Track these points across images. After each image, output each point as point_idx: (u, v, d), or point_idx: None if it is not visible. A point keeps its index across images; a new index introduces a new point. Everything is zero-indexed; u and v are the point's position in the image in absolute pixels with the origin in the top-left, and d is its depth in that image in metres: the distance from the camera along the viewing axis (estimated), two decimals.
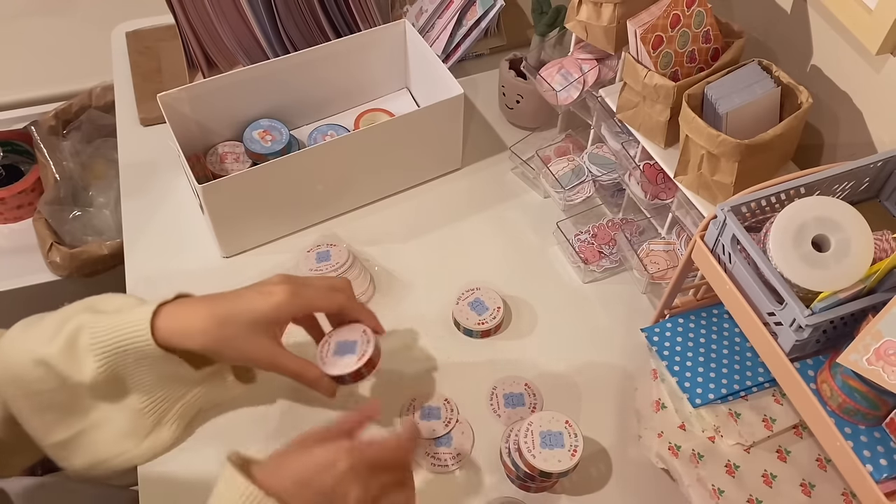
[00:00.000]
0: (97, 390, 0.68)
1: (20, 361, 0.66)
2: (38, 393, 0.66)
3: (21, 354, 0.66)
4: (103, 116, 1.34)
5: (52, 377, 0.66)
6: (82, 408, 0.69)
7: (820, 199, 0.63)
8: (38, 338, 0.67)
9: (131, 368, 0.68)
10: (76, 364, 0.66)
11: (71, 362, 0.66)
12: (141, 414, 0.70)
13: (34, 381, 0.66)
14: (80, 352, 0.66)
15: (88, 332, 0.66)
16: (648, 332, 0.78)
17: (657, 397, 0.75)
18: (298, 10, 1.00)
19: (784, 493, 0.68)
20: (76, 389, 0.67)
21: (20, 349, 0.67)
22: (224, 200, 0.86)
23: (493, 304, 0.85)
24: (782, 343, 0.61)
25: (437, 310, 0.87)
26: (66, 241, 1.25)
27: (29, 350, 0.66)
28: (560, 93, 0.91)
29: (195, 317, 0.66)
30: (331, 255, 0.88)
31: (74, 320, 0.67)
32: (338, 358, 0.69)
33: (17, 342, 0.67)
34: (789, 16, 0.85)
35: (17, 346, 0.67)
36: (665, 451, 0.71)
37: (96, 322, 0.67)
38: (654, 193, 0.86)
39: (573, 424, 0.70)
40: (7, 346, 0.67)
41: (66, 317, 0.69)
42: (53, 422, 0.68)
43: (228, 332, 0.66)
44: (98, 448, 0.70)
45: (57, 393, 0.67)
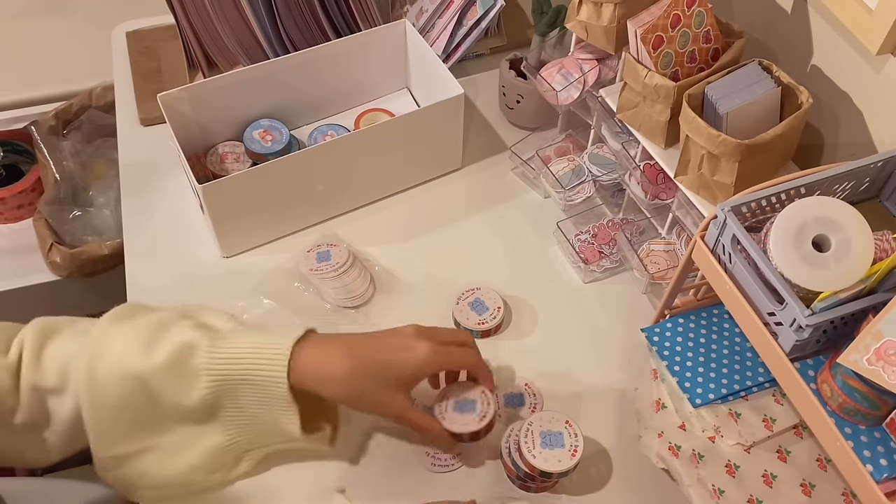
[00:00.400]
0: (191, 414, 0.65)
1: (110, 371, 0.63)
2: (120, 407, 0.64)
3: (112, 364, 0.64)
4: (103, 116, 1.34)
5: (141, 393, 0.64)
6: (159, 428, 0.66)
7: (820, 199, 0.63)
8: (132, 347, 0.64)
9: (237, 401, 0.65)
10: (181, 385, 0.64)
11: (175, 381, 0.63)
12: (222, 451, 0.68)
13: (122, 393, 0.63)
14: (189, 373, 0.64)
15: (205, 354, 0.64)
16: (648, 332, 0.78)
17: (657, 397, 0.75)
18: (299, 10, 1.00)
19: (784, 493, 0.68)
20: (164, 409, 0.65)
21: (111, 358, 0.64)
22: (224, 200, 0.86)
23: (493, 304, 0.85)
24: (782, 343, 0.61)
25: (438, 310, 0.87)
26: (66, 241, 1.25)
27: (121, 360, 0.64)
28: (560, 93, 0.91)
29: (337, 365, 0.65)
30: (331, 255, 0.88)
31: (179, 334, 0.64)
32: (458, 415, 0.70)
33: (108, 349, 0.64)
34: (789, 16, 0.85)
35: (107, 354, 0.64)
36: (665, 451, 0.71)
37: (216, 344, 0.64)
38: (654, 193, 0.86)
39: (573, 424, 0.70)
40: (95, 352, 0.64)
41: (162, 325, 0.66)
42: (122, 435, 0.66)
43: (367, 385, 0.65)
44: (160, 472, 0.67)
45: (141, 409, 0.65)
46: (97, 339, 0.66)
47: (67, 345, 0.66)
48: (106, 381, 0.64)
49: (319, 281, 0.87)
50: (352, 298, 0.86)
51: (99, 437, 0.66)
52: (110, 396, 0.64)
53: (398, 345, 0.67)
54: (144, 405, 0.65)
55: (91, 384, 0.64)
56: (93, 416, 0.65)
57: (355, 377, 0.65)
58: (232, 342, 0.65)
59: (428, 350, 0.67)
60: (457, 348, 0.70)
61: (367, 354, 0.66)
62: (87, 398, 0.64)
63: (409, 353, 0.67)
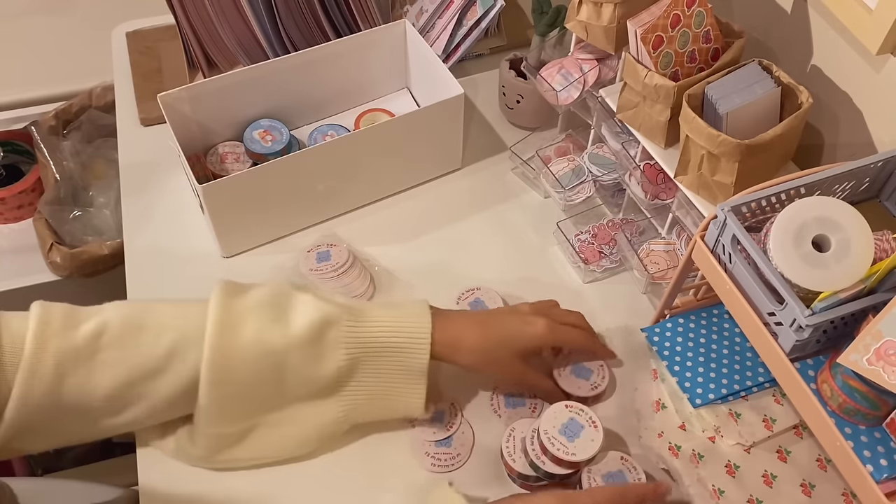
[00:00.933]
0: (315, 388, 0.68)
1: (246, 347, 0.65)
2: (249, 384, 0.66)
3: (249, 341, 0.65)
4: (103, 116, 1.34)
5: (275, 370, 0.66)
6: (277, 406, 0.69)
7: (820, 199, 0.63)
8: (264, 322, 0.66)
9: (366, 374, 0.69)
10: (318, 357, 0.67)
11: (312, 354, 0.66)
12: (333, 425, 0.71)
13: (256, 370, 0.65)
14: (329, 344, 0.67)
15: (346, 325, 0.68)
16: (649, 332, 0.78)
17: (657, 397, 0.75)
18: (299, 10, 1.00)
19: (784, 493, 0.68)
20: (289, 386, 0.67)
21: (247, 333, 0.65)
22: (224, 200, 0.86)
23: (493, 303, 0.85)
24: (782, 343, 0.61)
25: None
26: (66, 241, 1.25)
27: (257, 336, 0.65)
28: (560, 93, 0.91)
29: (470, 336, 0.71)
30: (331, 255, 0.88)
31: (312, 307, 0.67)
32: (574, 378, 0.78)
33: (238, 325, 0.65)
34: (789, 16, 0.85)
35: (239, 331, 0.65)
36: (665, 451, 0.72)
37: (356, 318, 0.68)
38: (654, 193, 0.86)
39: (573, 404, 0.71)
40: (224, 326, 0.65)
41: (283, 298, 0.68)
42: (241, 413, 0.67)
43: (496, 354, 0.72)
44: (269, 448, 0.70)
45: (269, 386, 0.67)
46: (222, 316, 0.66)
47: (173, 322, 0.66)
48: (242, 357, 0.65)
49: (319, 281, 0.87)
50: (352, 298, 0.86)
51: (211, 413, 0.66)
52: (244, 372, 0.66)
53: (520, 320, 0.74)
54: (274, 381, 0.67)
55: (224, 362, 0.65)
56: (217, 393, 0.65)
57: (488, 349, 0.72)
58: (372, 315, 0.70)
59: (545, 326, 0.73)
60: (571, 329, 0.76)
61: (495, 329, 0.73)
62: (217, 375, 0.65)
63: (529, 327, 0.73)
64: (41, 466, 1.38)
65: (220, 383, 0.65)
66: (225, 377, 0.65)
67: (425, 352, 0.69)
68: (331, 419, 0.71)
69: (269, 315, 0.67)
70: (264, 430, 0.70)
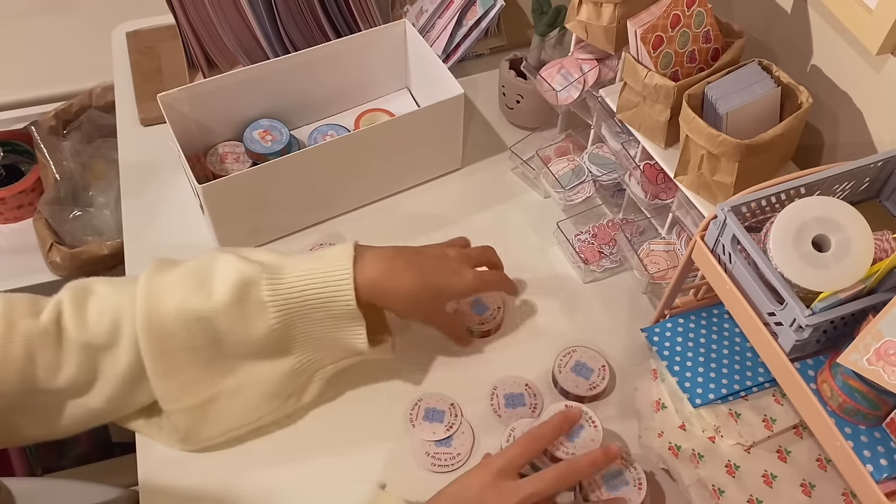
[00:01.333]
0: (258, 348, 0.68)
1: (173, 316, 0.65)
2: (185, 350, 0.66)
3: (174, 309, 0.66)
4: (103, 116, 1.34)
5: (207, 334, 0.66)
6: (227, 369, 0.69)
7: (820, 199, 0.63)
8: (187, 291, 0.66)
9: (303, 326, 0.69)
10: (247, 320, 0.66)
11: (240, 317, 0.66)
12: (293, 374, 0.71)
13: (187, 337, 0.66)
14: (255, 307, 0.67)
15: (267, 285, 0.67)
16: (649, 332, 0.78)
17: (657, 397, 0.75)
18: (298, 10, 1.00)
19: (784, 493, 0.68)
20: (231, 347, 0.67)
21: (171, 304, 0.66)
22: (224, 200, 0.86)
23: (493, 303, 0.85)
24: (782, 343, 0.61)
25: None
26: (66, 241, 1.25)
27: (181, 304, 0.66)
28: (560, 93, 0.91)
29: (399, 284, 0.71)
30: None
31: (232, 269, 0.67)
32: (573, 377, 0.79)
33: (162, 295, 0.66)
34: (789, 16, 0.85)
35: (165, 300, 0.66)
36: (665, 451, 0.71)
37: (275, 275, 0.68)
38: (654, 193, 0.86)
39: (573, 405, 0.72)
40: (149, 300, 0.66)
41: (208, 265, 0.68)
42: (192, 381, 0.68)
43: (426, 304, 0.74)
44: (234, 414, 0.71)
45: (205, 350, 0.67)
46: (149, 289, 0.67)
47: (111, 299, 0.67)
48: (169, 327, 0.65)
49: None
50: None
51: (168, 387, 0.67)
52: (177, 340, 0.66)
53: (450, 270, 0.75)
54: (211, 345, 0.67)
55: (154, 333, 0.65)
56: (160, 366, 0.66)
57: (420, 300, 0.72)
58: (292, 270, 0.69)
59: (473, 279, 0.75)
60: (496, 277, 0.80)
61: (429, 277, 0.73)
62: (152, 349, 0.65)
63: (458, 278, 0.75)
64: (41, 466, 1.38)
65: (159, 357, 0.66)
66: (160, 349, 0.66)
67: (350, 298, 0.68)
68: (288, 371, 0.71)
69: (191, 283, 0.67)
70: (227, 398, 0.70)
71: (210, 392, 0.69)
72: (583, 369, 0.79)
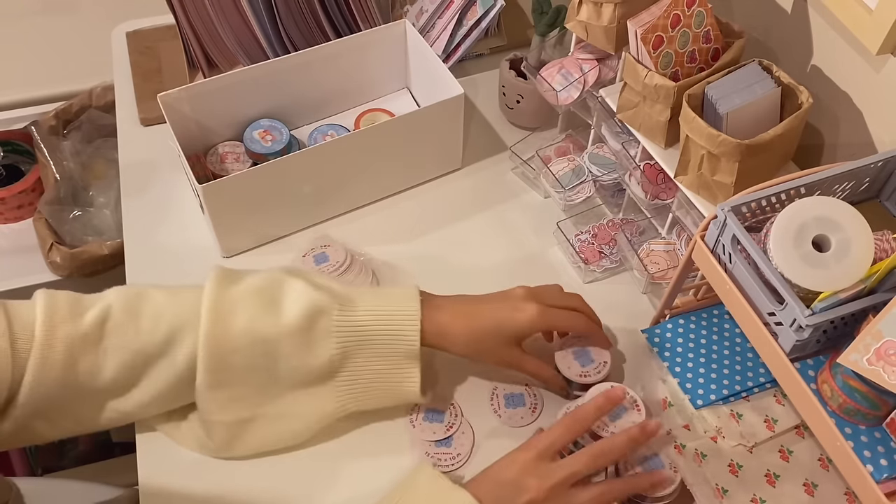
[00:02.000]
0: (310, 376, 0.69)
1: (240, 334, 0.66)
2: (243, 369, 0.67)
3: (242, 327, 0.66)
4: (103, 116, 1.34)
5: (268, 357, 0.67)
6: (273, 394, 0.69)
7: (820, 199, 0.63)
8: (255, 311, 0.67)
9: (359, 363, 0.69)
10: (310, 346, 0.67)
11: (304, 343, 0.67)
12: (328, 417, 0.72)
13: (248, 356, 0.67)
14: (321, 334, 0.68)
15: (337, 314, 0.68)
16: (649, 333, 0.78)
17: (664, 395, 0.75)
18: (299, 10, 1.00)
19: (787, 492, 0.68)
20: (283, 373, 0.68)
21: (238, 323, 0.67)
22: (224, 200, 0.86)
23: (599, 357, 0.81)
24: (783, 343, 0.61)
25: None
26: (66, 241, 1.25)
27: (250, 325, 0.67)
28: (560, 93, 0.91)
29: (458, 326, 0.72)
30: (328, 257, 0.88)
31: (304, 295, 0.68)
32: (575, 363, 0.77)
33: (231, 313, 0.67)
34: (789, 16, 0.85)
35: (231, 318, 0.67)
36: (671, 450, 0.71)
37: (346, 306, 0.69)
38: (654, 193, 0.86)
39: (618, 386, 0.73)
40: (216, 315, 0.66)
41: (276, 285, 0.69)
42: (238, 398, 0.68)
43: (486, 345, 0.73)
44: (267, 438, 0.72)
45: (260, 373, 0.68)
46: (216, 303, 0.67)
47: (169, 308, 0.68)
48: (233, 344, 0.66)
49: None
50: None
51: (215, 399, 0.68)
52: (236, 359, 0.67)
53: (510, 306, 0.73)
54: (268, 367, 0.68)
55: (216, 349, 0.66)
56: (214, 379, 0.67)
57: (477, 339, 0.72)
58: (362, 304, 0.70)
59: (535, 312, 0.72)
60: (565, 312, 0.75)
61: (482, 318, 0.72)
62: (213, 362, 0.66)
63: (519, 314, 0.72)
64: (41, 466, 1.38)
65: (215, 370, 0.67)
66: (219, 364, 0.67)
67: (415, 338, 0.69)
68: (330, 409, 0.72)
69: (260, 303, 0.68)
70: (266, 422, 0.71)
71: (253, 412, 0.70)
72: (584, 356, 0.78)
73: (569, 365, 0.77)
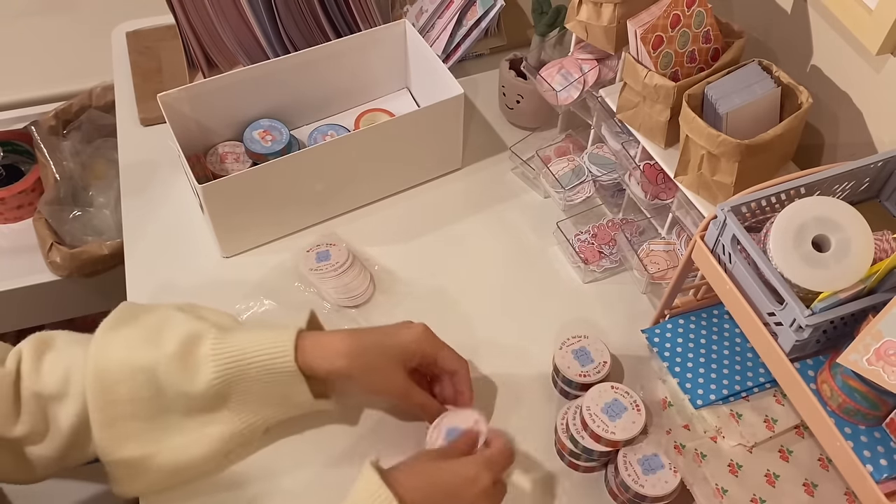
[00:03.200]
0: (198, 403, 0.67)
1: (118, 367, 0.66)
2: (130, 401, 0.66)
3: (120, 360, 0.66)
4: (103, 116, 1.34)
5: (150, 386, 0.66)
6: (167, 424, 0.68)
7: (820, 200, 0.63)
8: (136, 343, 0.67)
9: (244, 385, 0.68)
10: (188, 372, 0.66)
11: (182, 370, 0.66)
12: (237, 436, 0.71)
13: (131, 388, 0.66)
14: (197, 360, 0.67)
15: (211, 342, 0.67)
16: (649, 333, 0.78)
17: (664, 395, 0.75)
18: (298, 10, 1.00)
19: (787, 492, 0.68)
20: (173, 402, 0.67)
21: (118, 355, 0.66)
22: (224, 200, 0.86)
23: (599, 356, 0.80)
24: (782, 343, 0.61)
25: (438, 309, 0.87)
26: (66, 241, 1.25)
27: (128, 355, 0.66)
28: (560, 93, 0.91)
29: (338, 343, 0.69)
30: (330, 255, 0.88)
31: (182, 326, 0.68)
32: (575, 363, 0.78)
33: (111, 348, 0.67)
34: (789, 16, 0.85)
35: (112, 352, 0.66)
36: (671, 449, 0.71)
37: (222, 335, 0.68)
38: (654, 193, 0.86)
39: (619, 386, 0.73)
40: (101, 352, 0.66)
41: (161, 321, 0.69)
42: (133, 434, 0.67)
43: (370, 360, 0.70)
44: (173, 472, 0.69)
45: (149, 403, 0.66)
46: (100, 342, 0.67)
47: (66, 351, 0.68)
48: (115, 377, 0.65)
49: (319, 281, 0.87)
50: (352, 298, 0.86)
51: (109, 439, 0.66)
52: (120, 392, 0.66)
53: (397, 325, 0.73)
54: (153, 398, 0.67)
55: (99, 383, 0.65)
56: (103, 416, 0.66)
57: (359, 353, 0.69)
58: (239, 333, 0.69)
59: (423, 327, 0.72)
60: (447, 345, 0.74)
61: (368, 334, 0.71)
62: (97, 399, 0.65)
63: (406, 329, 0.72)
64: None
65: (103, 408, 0.66)
66: (105, 399, 0.66)
67: (289, 360, 0.67)
68: (231, 432, 0.70)
69: (143, 335, 0.68)
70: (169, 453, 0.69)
71: (151, 449, 0.68)
72: (584, 356, 0.78)
73: (569, 365, 0.77)
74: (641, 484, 0.69)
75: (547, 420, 0.78)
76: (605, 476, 0.74)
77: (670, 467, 0.69)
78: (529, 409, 0.80)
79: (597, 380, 0.76)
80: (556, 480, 0.75)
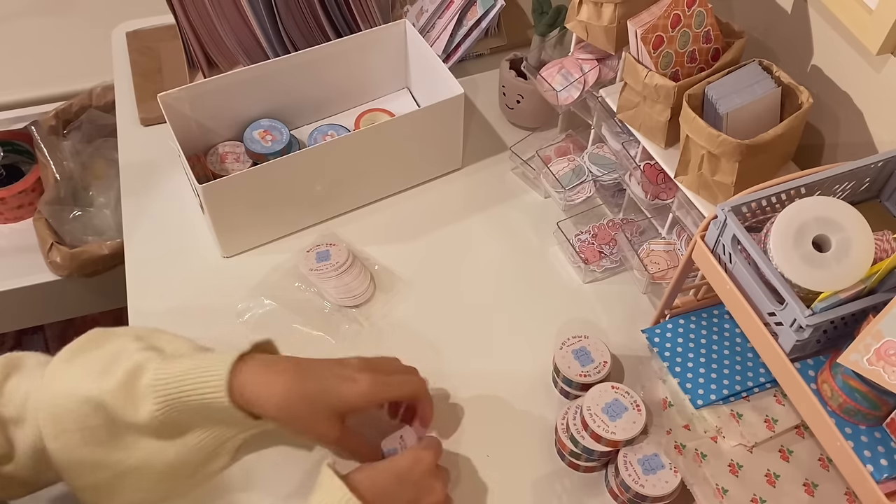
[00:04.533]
0: (148, 430, 0.67)
1: (65, 397, 0.65)
2: (80, 430, 0.65)
3: (67, 390, 0.65)
4: (103, 116, 1.34)
5: (98, 415, 0.65)
6: (124, 446, 0.67)
7: (820, 200, 0.63)
8: (86, 373, 0.66)
9: (187, 414, 0.67)
10: (131, 403, 0.65)
11: (126, 401, 0.65)
12: (195, 450, 0.69)
13: (79, 417, 0.65)
14: (139, 392, 0.65)
15: (151, 374, 0.66)
16: (649, 333, 0.78)
17: (664, 395, 0.75)
18: (299, 10, 1.00)
19: (788, 492, 0.68)
20: (122, 429, 0.66)
21: (66, 385, 0.65)
22: (224, 200, 0.86)
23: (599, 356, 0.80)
24: (783, 343, 0.61)
25: (438, 309, 0.87)
26: (66, 241, 1.25)
27: (76, 386, 0.65)
28: (560, 93, 0.91)
29: (275, 390, 0.66)
30: (330, 255, 0.88)
31: (131, 357, 0.67)
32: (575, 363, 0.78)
33: (62, 377, 0.66)
34: (790, 16, 0.85)
35: (62, 382, 0.66)
36: (671, 449, 0.71)
37: (162, 366, 0.66)
38: (654, 193, 0.86)
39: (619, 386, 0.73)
40: (51, 381, 0.66)
41: (116, 352, 0.68)
42: (91, 459, 0.66)
43: (304, 412, 0.66)
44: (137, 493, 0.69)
45: (100, 430, 0.66)
46: (54, 371, 0.66)
47: (28, 376, 0.67)
48: (63, 406, 0.65)
49: (319, 280, 0.87)
50: (352, 298, 0.86)
51: (69, 466, 0.66)
52: (69, 421, 0.65)
53: (342, 375, 0.68)
54: (104, 426, 0.66)
55: (50, 412, 0.65)
56: (58, 445, 0.65)
57: (294, 403, 0.66)
58: (177, 363, 0.67)
59: (369, 383, 0.68)
60: (398, 378, 0.71)
61: (310, 382, 0.67)
62: (50, 427, 0.65)
63: (350, 384, 0.68)
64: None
65: (56, 434, 0.65)
66: (56, 427, 0.65)
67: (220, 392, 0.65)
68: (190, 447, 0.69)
69: (96, 366, 0.67)
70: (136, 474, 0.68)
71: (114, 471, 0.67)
72: (584, 356, 0.78)
73: (569, 365, 0.77)
74: (642, 484, 0.69)
75: (547, 420, 0.78)
76: (605, 476, 0.74)
77: (671, 467, 0.69)
78: (529, 409, 0.80)
79: (597, 380, 0.76)
80: (556, 480, 0.75)
